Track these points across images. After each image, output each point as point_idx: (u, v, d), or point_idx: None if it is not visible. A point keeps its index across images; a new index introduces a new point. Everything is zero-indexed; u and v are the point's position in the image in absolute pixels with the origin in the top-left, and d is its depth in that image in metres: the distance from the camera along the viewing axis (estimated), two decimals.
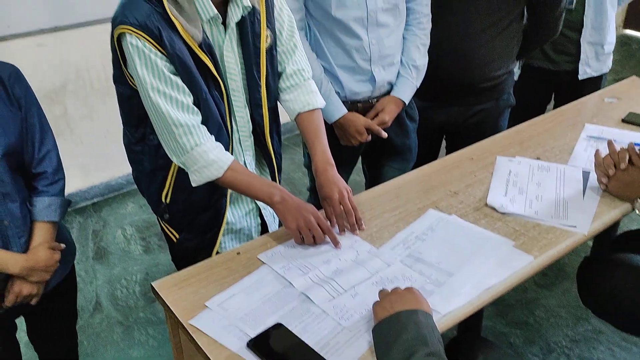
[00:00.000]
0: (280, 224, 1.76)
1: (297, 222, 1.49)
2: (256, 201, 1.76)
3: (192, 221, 1.72)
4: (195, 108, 1.50)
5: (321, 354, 1.19)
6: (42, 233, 1.61)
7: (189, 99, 1.48)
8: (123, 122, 1.71)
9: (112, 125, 3.30)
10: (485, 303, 1.37)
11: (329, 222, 1.54)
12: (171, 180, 1.65)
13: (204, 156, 1.50)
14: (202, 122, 1.51)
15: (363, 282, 1.39)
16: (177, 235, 1.76)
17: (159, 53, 1.40)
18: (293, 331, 1.25)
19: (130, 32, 1.37)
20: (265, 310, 1.32)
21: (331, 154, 1.67)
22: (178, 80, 1.45)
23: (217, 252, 1.71)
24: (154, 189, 1.70)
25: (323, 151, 1.65)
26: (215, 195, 1.64)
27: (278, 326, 1.26)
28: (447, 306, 1.31)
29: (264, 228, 1.83)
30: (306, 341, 1.22)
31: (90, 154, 3.34)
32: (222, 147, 1.55)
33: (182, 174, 1.60)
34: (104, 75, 3.27)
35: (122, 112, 1.67)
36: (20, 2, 2.91)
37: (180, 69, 1.44)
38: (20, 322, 1.80)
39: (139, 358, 2.34)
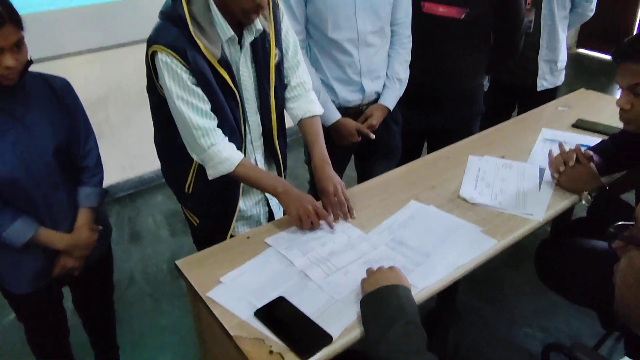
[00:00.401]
0: (284, 213, 1.75)
1: (297, 210, 1.50)
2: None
3: (209, 209, 1.71)
4: (212, 114, 1.49)
5: (317, 323, 1.19)
6: (83, 217, 1.63)
7: (207, 106, 1.48)
8: (154, 125, 1.72)
9: (145, 129, 3.29)
10: (456, 279, 1.37)
11: (325, 210, 1.54)
12: (193, 174, 1.65)
13: (218, 154, 1.50)
14: (218, 126, 1.50)
15: (353, 262, 1.40)
16: (197, 221, 1.76)
17: (184, 68, 1.40)
18: (293, 303, 1.25)
19: (161, 50, 1.38)
20: (270, 286, 1.32)
21: (327, 153, 1.67)
22: (199, 90, 1.45)
23: (231, 236, 1.70)
24: (178, 181, 1.70)
25: (321, 151, 1.65)
26: (229, 187, 1.64)
27: (281, 299, 1.26)
28: (424, 282, 1.31)
29: (270, 215, 1.82)
30: (304, 312, 1.23)
31: (127, 153, 3.36)
32: (235, 146, 1.55)
33: (202, 169, 1.60)
34: (139, 88, 3.25)
35: (154, 117, 1.68)
36: (72, 27, 2.92)
37: (201, 81, 1.44)
38: (67, 293, 1.80)
39: (166, 325, 2.34)
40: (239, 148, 1.55)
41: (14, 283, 1.59)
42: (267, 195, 1.77)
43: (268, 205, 1.80)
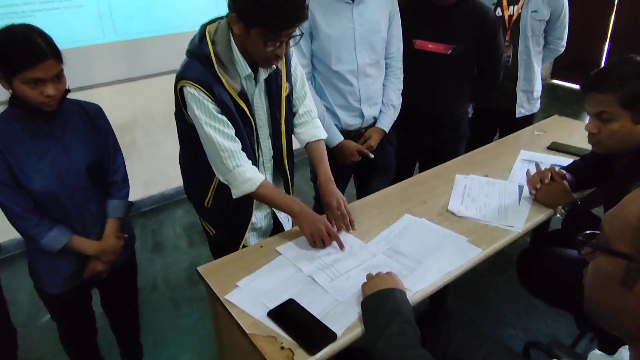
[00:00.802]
0: (293, 225, 1.75)
1: (311, 229, 1.48)
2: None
3: (226, 221, 1.71)
4: (237, 138, 1.50)
5: (322, 322, 1.19)
6: (111, 226, 1.64)
7: (232, 131, 1.48)
8: (180, 146, 1.72)
9: (166, 151, 3.34)
10: (446, 283, 1.37)
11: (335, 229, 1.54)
12: (212, 191, 1.65)
13: (242, 174, 1.50)
14: None
15: (355, 268, 1.40)
16: (214, 231, 1.76)
17: (209, 99, 1.42)
18: (302, 304, 1.25)
19: (189, 84, 1.40)
20: (281, 289, 1.32)
21: (331, 172, 1.67)
22: (224, 117, 1.45)
23: (244, 246, 1.69)
24: (199, 196, 1.69)
25: (325, 170, 1.65)
26: (244, 202, 1.62)
27: (290, 301, 1.26)
28: (418, 286, 1.31)
29: (276, 227, 1.81)
30: (311, 312, 1.23)
31: (151, 172, 3.35)
32: (257, 169, 1.55)
33: (221, 187, 1.59)
34: (162, 114, 3.30)
35: (180, 139, 1.69)
36: (104, 61, 2.95)
37: (224, 110, 1.45)
38: (96, 298, 1.80)
39: (185, 326, 2.33)
40: None
41: (49, 284, 1.60)
42: (274, 209, 1.76)
43: (275, 217, 1.80)
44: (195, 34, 1.48)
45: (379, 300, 1.16)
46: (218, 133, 1.45)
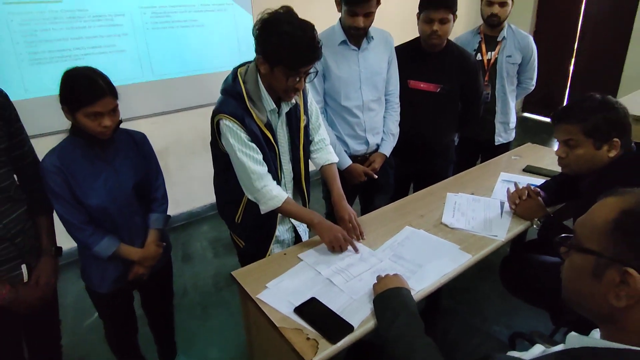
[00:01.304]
0: (310, 236, 1.76)
1: (329, 237, 1.50)
2: (292, 221, 1.75)
3: (253, 235, 1.71)
4: (264, 162, 1.51)
5: (341, 316, 1.22)
6: (152, 236, 1.65)
7: (260, 157, 1.50)
8: (214, 170, 1.72)
9: (194, 173, 3.34)
10: (443, 284, 1.39)
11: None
12: (242, 209, 1.65)
13: (269, 193, 1.51)
14: None
15: (366, 271, 1.42)
16: (243, 244, 1.75)
17: (242, 129, 1.45)
18: (322, 302, 1.28)
19: (225, 118, 1.44)
20: (304, 289, 1.34)
21: (342, 190, 1.69)
22: (253, 145, 1.48)
23: (268, 255, 1.68)
24: (230, 213, 1.70)
25: (338, 189, 1.67)
26: (269, 218, 1.63)
27: (313, 299, 1.29)
28: (419, 286, 1.34)
29: (296, 239, 1.81)
30: (331, 308, 1.25)
31: (181, 192, 3.34)
32: (280, 188, 1.56)
33: (249, 205, 1.60)
34: (191, 142, 3.30)
35: (214, 165, 1.69)
36: (142, 97, 2.98)
37: (254, 139, 1.47)
38: (136, 300, 1.79)
39: (213, 326, 2.33)
40: None
41: (100, 284, 1.61)
42: (295, 223, 1.76)
43: (295, 231, 1.80)
44: (229, 75, 1.51)
45: (389, 297, 1.19)
46: (249, 158, 1.47)
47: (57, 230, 1.57)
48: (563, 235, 0.81)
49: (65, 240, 1.59)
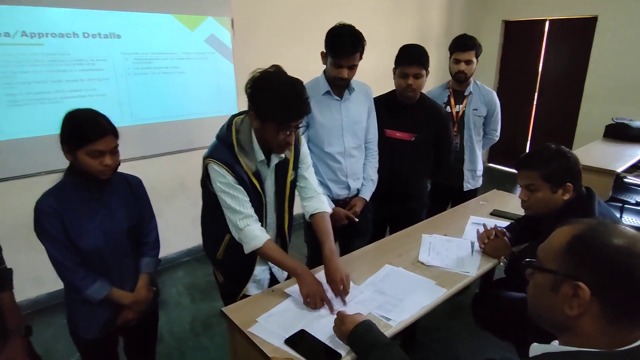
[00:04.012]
0: (286, 277, 1.80)
1: (307, 291, 1.49)
2: (269, 262, 1.75)
3: (232, 272, 1.75)
4: (250, 204, 1.56)
5: (329, 345, 1.29)
6: (143, 280, 1.66)
7: (246, 198, 1.55)
8: (202, 207, 1.75)
9: (170, 220, 3.29)
10: (421, 315, 1.47)
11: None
12: (223, 247, 1.69)
13: (251, 233, 1.55)
14: None
15: (350, 301, 1.51)
16: (222, 279, 1.79)
17: (229, 173, 1.51)
18: (311, 333, 1.35)
19: (214, 162, 1.51)
20: (293, 322, 1.40)
21: (335, 247, 1.65)
22: (240, 187, 1.53)
23: (245, 295, 1.70)
24: (213, 250, 1.74)
25: (330, 247, 1.62)
26: (249, 259, 1.66)
27: (302, 330, 1.36)
28: (399, 318, 1.42)
29: (272, 280, 1.82)
30: (319, 338, 1.32)
31: None
32: (264, 230, 1.60)
33: (230, 244, 1.64)
34: (168, 188, 3.28)
35: (204, 202, 1.71)
36: (121, 141, 2.98)
37: (241, 184, 1.53)
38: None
39: None
40: None
41: (86, 329, 1.59)
42: (271, 264, 1.78)
43: (271, 272, 1.82)
44: (225, 123, 1.59)
45: (352, 340, 1.24)
46: (234, 199, 1.53)
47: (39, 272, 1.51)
48: (527, 260, 0.94)
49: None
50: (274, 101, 1.40)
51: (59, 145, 1.44)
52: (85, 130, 1.38)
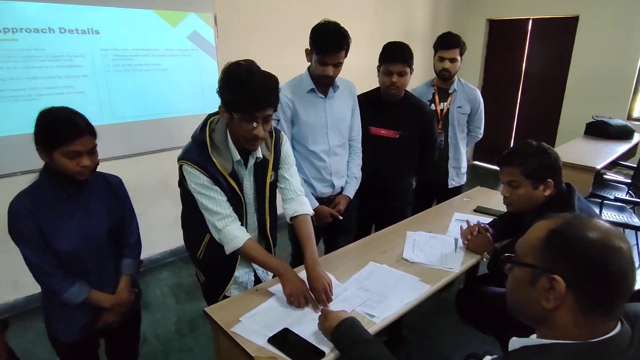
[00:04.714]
0: (271, 277, 1.77)
1: (291, 290, 1.49)
2: (252, 264, 1.74)
3: (213, 273, 1.74)
4: (228, 204, 1.54)
5: (312, 343, 1.30)
6: (124, 281, 1.64)
7: (224, 198, 1.53)
8: (182, 207, 1.74)
9: (153, 220, 3.27)
10: (405, 311, 1.49)
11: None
12: (204, 246, 1.68)
13: (230, 233, 1.54)
14: None
15: (334, 299, 1.52)
16: (204, 279, 1.79)
17: (203, 174, 1.49)
18: (294, 331, 1.35)
19: (187, 164, 1.50)
20: (276, 321, 1.41)
21: (317, 253, 1.62)
22: (217, 188, 1.52)
23: (226, 296, 1.70)
24: (194, 249, 1.73)
25: (312, 253, 1.58)
26: (230, 259, 1.65)
27: (285, 329, 1.36)
28: (383, 314, 1.44)
29: (256, 281, 1.80)
30: (303, 336, 1.33)
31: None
32: (244, 229, 1.59)
33: (210, 244, 1.63)
34: (150, 187, 3.25)
35: (182, 202, 1.71)
36: (101, 140, 2.91)
37: (217, 184, 1.52)
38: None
39: None
40: None
41: (64, 333, 1.56)
42: (255, 266, 1.77)
43: (255, 275, 1.81)
44: (201, 122, 1.56)
45: (336, 336, 1.26)
46: (210, 200, 1.52)
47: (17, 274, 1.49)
48: (506, 255, 0.96)
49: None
50: (237, 89, 1.38)
51: (34, 145, 1.41)
52: (61, 130, 1.35)
